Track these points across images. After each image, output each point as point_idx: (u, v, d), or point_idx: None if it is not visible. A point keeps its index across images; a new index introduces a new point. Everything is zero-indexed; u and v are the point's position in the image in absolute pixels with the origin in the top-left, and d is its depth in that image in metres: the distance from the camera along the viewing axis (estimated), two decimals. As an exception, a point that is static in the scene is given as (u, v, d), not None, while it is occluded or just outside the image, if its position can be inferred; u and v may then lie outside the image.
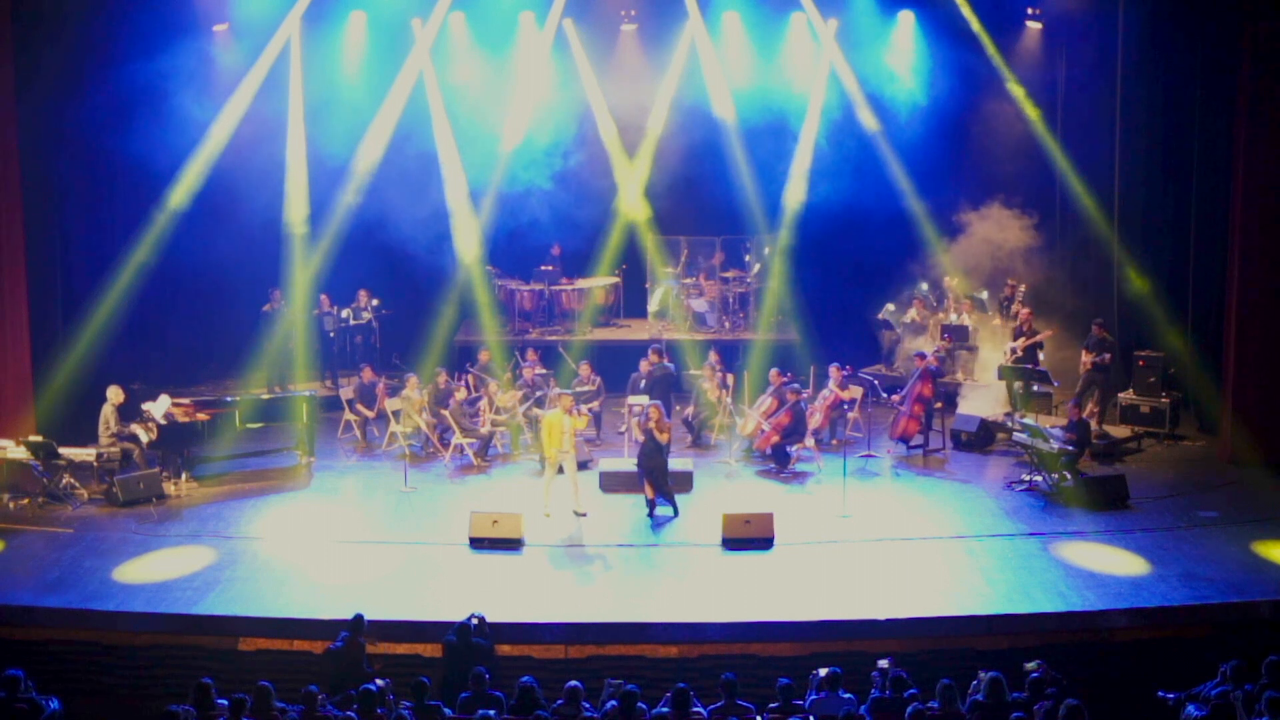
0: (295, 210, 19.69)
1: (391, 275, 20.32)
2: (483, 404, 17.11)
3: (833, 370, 17.44)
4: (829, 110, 20.64)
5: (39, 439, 15.27)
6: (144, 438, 15.74)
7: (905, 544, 14.03)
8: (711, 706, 10.03)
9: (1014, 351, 18.10)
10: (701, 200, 21.32)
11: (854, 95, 20.49)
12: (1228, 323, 16.76)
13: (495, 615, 11.87)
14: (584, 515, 14.80)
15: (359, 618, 11.27)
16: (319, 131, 19.60)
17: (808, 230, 20.70)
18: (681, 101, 20.82)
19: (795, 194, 20.73)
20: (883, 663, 10.72)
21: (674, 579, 13.27)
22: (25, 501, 14.96)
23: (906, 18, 20.50)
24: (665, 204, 21.13)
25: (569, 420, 14.80)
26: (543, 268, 20.96)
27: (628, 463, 15.61)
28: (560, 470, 14.89)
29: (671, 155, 20.96)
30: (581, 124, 20.78)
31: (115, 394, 15.82)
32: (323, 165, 19.65)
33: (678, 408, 17.84)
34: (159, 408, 15.89)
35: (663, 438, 14.77)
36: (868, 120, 20.45)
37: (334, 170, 19.60)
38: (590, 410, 16.72)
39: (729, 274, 21.26)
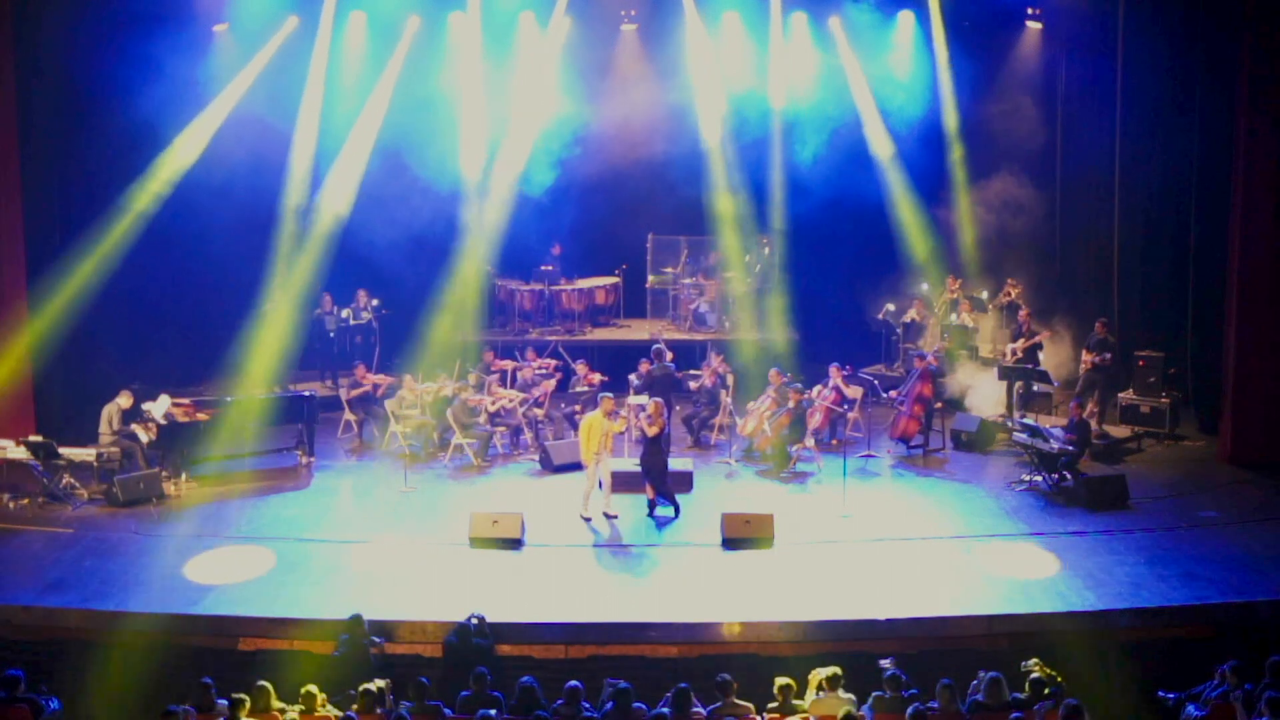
0: (292, 207, 19.72)
1: (391, 275, 20.28)
2: (491, 385, 17.16)
3: (833, 370, 17.45)
4: (829, 109, 20.61)
5: (39, 439, 15.28)
6: (144, 438, 15.74)
7: (905, 544, 14.02)
8: (711, 706, 10.03)
9: (1014, 352, 18.11)
10: (701, 200, 21.30)
11: (854, 94, 20.49)
12: (1228, 322, 16.76)
13: (495, 615, 11.88)
14: (614, 516, 14.74)
15: (357, 618, 11.25)
16: (319, 131, 19.58)
17: (808, 230, 20.70)
18: (681, 101, 20.81)
19: (795, 193, 20.72)
20: (884, 662, 10.73)
21: (674, 579, 13.27)
22: (25, 501, 14.96)
23: (906, 18, 20.49)
24: (665, 204, 21.14)
25: (607, 423, 14.74)
26: (543, 268, 20.97)
27: (628, 463, 15.60)
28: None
29: (672, 155, 20.95)
30: (581, 124, 20.77)
31: (125, 398, 15.89)
32: (321, 165, 19.62)
33: (678, 408, 17.83)
34: (159, 408, 15.90)
35: (651, 430, 14.71)
36: (867, 119, 20.45)
37: (333, 170, 19.59)
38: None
39: (729, 274, 21.26)
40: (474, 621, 11.51)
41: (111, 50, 17.74)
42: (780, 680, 10.35)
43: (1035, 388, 18.29)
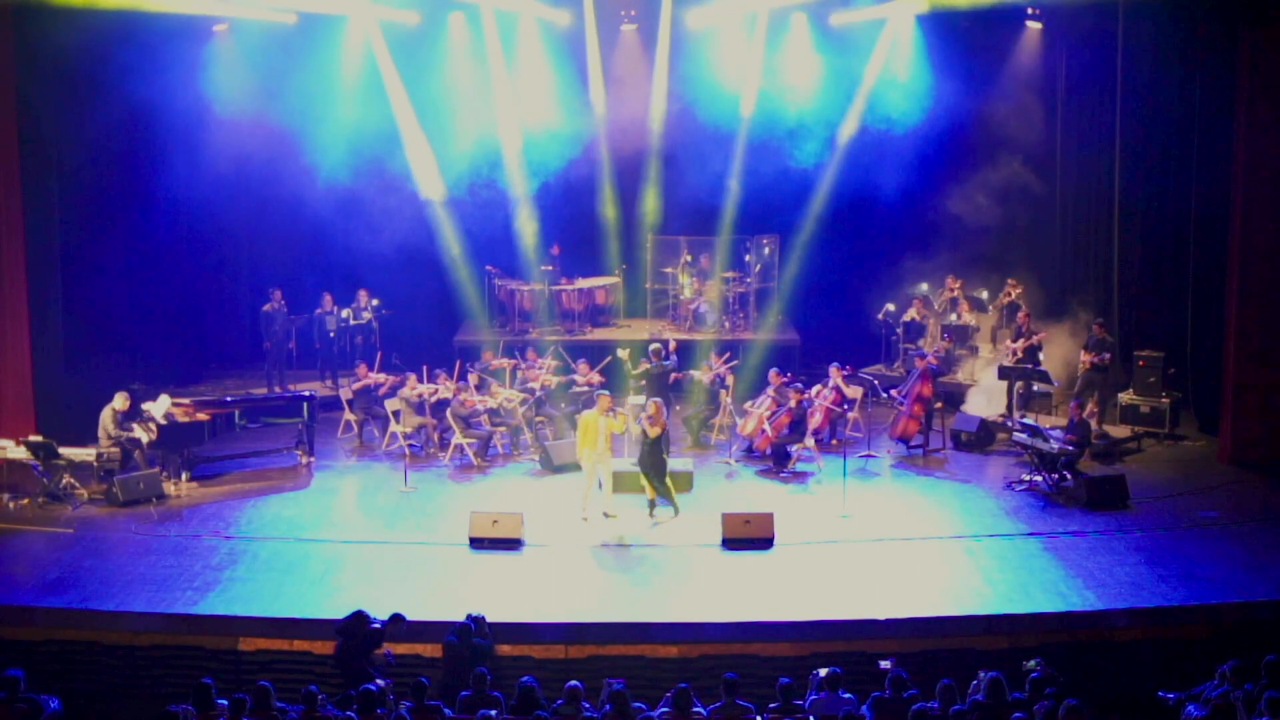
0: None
1: (391, 275, 20.28)
2: (493, 386, 17.23)
3: (833, 370, 17.45)
4: (829, 109, 20.61)
5: (39, 439, 15.27)
6: (144, 438, 15.74)
7: (905, 544, 14.02)
8: (711, 706, 10.04)
9: (1014, 353, 18.11)
10: (702, 200, 21.31)
11: (853, 94, 20.48)
12: (1228, 321, 16.76)
13: (495, 615, 11.87)
14: (614, 517, 14.70)
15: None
16: (319, 130, 19.59)
17: (808, 229, 20.70)
18: (681, 101, 20.81)
19: (795, 193, 20.72)
20: (885, 663, 10.73)
21: (674, 579, 13.27)
22: (25, 501, 14.96)
23: (906, 16, 20.46)
24: (666, 204, 21.13)
25: (605, 421, 14.72)
26: (543, 268, 20.97)
27: (628, 463, 15.60)
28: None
29: (672, 155, 20.97)
30: (581, 124, 20.77)
31: (121, 400, 15.82)
32: (321, 164, 19.62)
33: (678, 408, 17.83)
34: (159, 408, 15.90)
35: (653, 431, 14.69)
36: (869, 119, 20.44)
37: (333, 170, 19.58)
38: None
39: (729, 274, 21.26)
40: (474, 621, 11.50)
41: (111, 47, 17.73)
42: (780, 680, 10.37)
43: (1035, 388, 18.30)
